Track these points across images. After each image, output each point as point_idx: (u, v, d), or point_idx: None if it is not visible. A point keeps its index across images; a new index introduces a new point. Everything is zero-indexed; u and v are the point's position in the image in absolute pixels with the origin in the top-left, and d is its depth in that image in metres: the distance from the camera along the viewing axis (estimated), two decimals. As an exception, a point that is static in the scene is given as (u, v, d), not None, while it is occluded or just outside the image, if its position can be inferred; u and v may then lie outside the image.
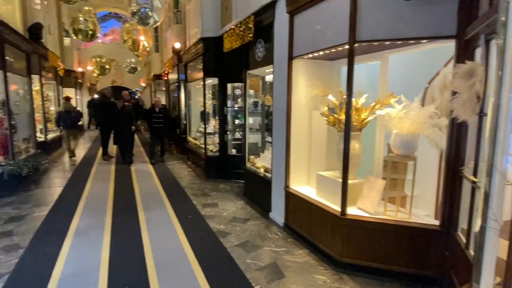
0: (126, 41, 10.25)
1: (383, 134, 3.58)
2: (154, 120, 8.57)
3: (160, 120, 8.62)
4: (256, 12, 4.88)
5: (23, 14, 7.88)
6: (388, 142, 3.38)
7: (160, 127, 8.67)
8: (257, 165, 5.56)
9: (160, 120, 8.61)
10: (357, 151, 3.46)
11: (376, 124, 3.61)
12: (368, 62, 3.68)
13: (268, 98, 5.85)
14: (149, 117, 8.66)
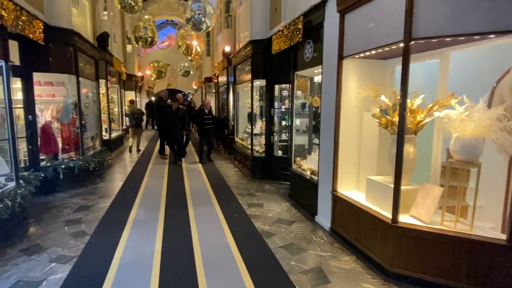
0: (181, 47, 10.87)
1: (442, 138, 3.32)
2: (204, 122, 8.94)
3: (210, 121, 9.00)
4: (305, 12, 4.85)
5: (93, 24, 8.79)
6: (447, 146, 3.12)
7: (209, 128, 9.03)
8: (303, 167, 5.51)
9: (209, 121, 8.98)
10: (411, 155, 3.25)
11: (433, 127, 3.36)
12: (425, 61, 3.45)
13: (316, 99, 5.77)
14: (200, 118, 9.03)
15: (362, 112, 4.10)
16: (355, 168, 4.22)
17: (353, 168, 4.22)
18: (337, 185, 4.20)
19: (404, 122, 3.03)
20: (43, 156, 6.25)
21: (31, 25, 4.93)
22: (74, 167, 6.34)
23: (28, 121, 5.85)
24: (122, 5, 7.28)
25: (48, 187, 5.88)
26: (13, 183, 4.53)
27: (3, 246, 3.79)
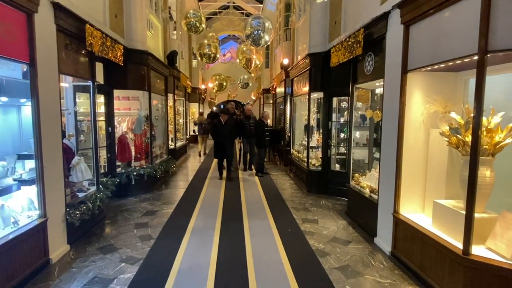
0: (241, 60, 11.33)
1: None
2: (266, 134, 9.10)
3: (267, 133, 9.14)
4: (366, 25, 4.70)
5: (164, 44, 9.68)
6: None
7: (266, 139, 9.21)
8: (362, 184, 5.26)
9: (267, 133, 9.14)
10: (487, 179, 2.90)
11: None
12: (506, 73, 3.07)
13: (377, 113, 5.48)
14: (262, 131, 9.05)
15: (429, 129, 3.79)
16: (420, 189, 3.89)
17: (418, 189, 3.90)
18: (399, 207, 3.92)
19: (479, 143, 2.71)
20: (119, 163, 7.02)
21: (113, 49, 5.63)
22: (144, 174, 6.98)
23: (108, 132, 6.65)
24: (188, 27, 7.90)
25: (122, 192, 6.57)
26: (94, 187, 5.17)
27: (84, 243, 4.34)
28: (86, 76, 4.99)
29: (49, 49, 3.85)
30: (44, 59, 3.69)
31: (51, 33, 3.89)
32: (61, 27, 4.07)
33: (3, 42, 3.12)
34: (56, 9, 3.91)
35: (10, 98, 3.87)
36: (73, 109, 5.12)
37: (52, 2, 3.84)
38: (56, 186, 3.97)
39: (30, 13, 3.46)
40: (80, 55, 4.75)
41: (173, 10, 11.34)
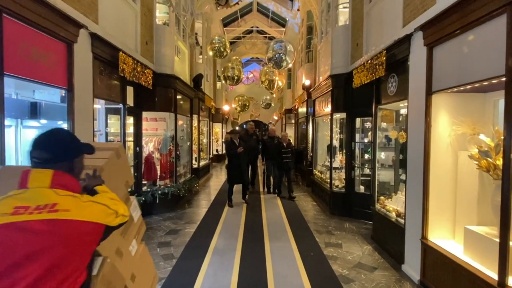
0: (263, 82, 11.59)
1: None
2: (283, 156, 8.68)
3: (288, 155, 8.74)
4: (389, 47, 4.71)
5: (190, 67, 10.13)
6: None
7: (288, 161, 8.74)
8: (388, 207, 5.09)
9: (288, 154, 8.74)
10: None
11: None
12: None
13: (402, 134, 5.37)
14: (279, 152, 8.70)
15: (458, 152, 3.65)
16: (450, 215, 3.71)
17: (447, 214, 3.72)
18: (427, 232, 3.74)
19: (511, 166, 2.59)
20: (145, 182, 7.24)
21: (143, 74, 5.98)
22: (168, 193, 7.15)
23: (136, 152, 6.93)
24: (214, 52, 8.26)
25: (147, 210, 6.73)
26: (121, 205, 5.35)
27: (110, 260, 4.45)
28: (117, 100, 5.31)
29: (86, 75, 4.16)
30: (80, 85, 3.99)
31: (88, 61, 4.22)
32: (97, 55, 4.41)
33: (46, 70, 3.42)
34: (93, 39, 4.26)
35: (48, 121, 4.17)
36: (104, 130, 5.43)
37: (90, 33, 4.19)
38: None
39: (70, 43, 3.79)
40: (113, 80, 5.08)
41: (199, 36, 11.90)
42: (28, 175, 1.20)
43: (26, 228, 1.08)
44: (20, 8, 2.93)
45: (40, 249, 1.07)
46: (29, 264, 1.05)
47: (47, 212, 1.11)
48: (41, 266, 1.06)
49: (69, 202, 1.17)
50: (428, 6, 3.75)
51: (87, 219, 1.18)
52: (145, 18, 6.52)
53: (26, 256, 1.06)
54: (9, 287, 1.03)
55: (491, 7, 2.73)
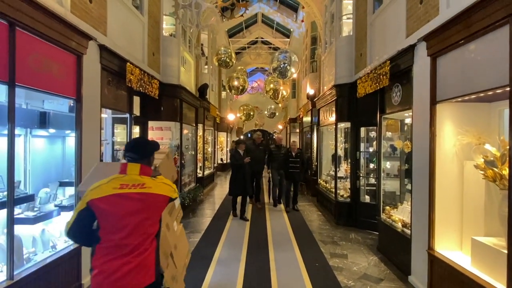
0: (268, 92, 11.68)
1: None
2: (290, 165, 8.23)
3: (297, 165, 8.24)
4: (392, 57, 4.74)
5: (196, 77, 10.26)
6: None
7: (296, 172, 8.26)
8: (394, 217, 5.04)
9: (296, 165, 8.24)
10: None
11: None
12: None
13: (407, 144, 5.35)
14: (286, 161, 8.26)
15: (463, 161, 3.63)
16: (456, 225, 3.67)
17: (454, 225, 3.67)
18: (434, 243, 3.69)
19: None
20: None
21: (150, 84, 6.08)
22: (172, 202, 7.14)
23: (141, 161, 6.98)
24: (219, 62, 8.37)
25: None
26: (126, 214, 5.37)
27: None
28: (124, 109, 5.39)
29: (94, 86, 4.25)
30: (88, 95, 4.07)
31: (96, 72, 4.31)
32: (105, 66, 4.50)
33: (56, 81, 3.51)
34: (102, 50, 4.36)
35: (56, 130, 4.25)
36: (111, 139, 5.49)
37: (99, 44, 4.30)
38: (92, 213, 4.19)
39: (79, 55, 3.89)
40: (120, 90, 5.17)
41: (205, 47, 12.09)
42: (126, 166, 2.00)
43: (128, 196, 1.88)
44: (32, 21, 3.03)
45: (136, 209, 1.88)
46: (133, 216, 1.87)
47: (139, 188, 1.91)
48: (138, 217, 1.89)
49: (150, 182, 1.97)
50: (431, 17, 3.79)
51: (161, 193, 1.99)
52: (152, 30, 6.66)
53: (131, 212, 1.87)
54: (125, 226, 1.86)
55: (493, 18, 2.75)
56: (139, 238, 1.90)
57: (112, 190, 1.87)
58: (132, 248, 1.87)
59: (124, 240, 1.87)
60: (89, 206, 1.85)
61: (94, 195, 1.85)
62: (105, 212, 1.85)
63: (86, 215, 1.87)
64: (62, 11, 3.53)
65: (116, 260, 1.85)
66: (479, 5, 2.87)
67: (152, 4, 6.60)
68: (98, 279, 1.87)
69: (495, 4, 2.71)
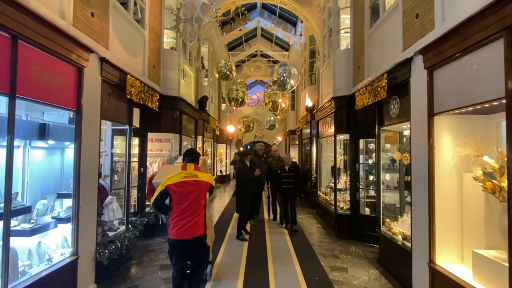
0: (267, 104, 11.76)
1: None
2: (283, 181, 7.42)
3: (290, 180, 7.40)
4: (390, 70, 4.80)
5: (196, 90, 10.35)
6: None
7: (290, 188, 7.40)
8: (394, 230, 4.99)
9: (290, 180, 7.40)
10: (532, 229, 2.67)
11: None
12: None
13: (406, 156, 5.36)
14: (279, 177, 7.48)
15: (462, 173, 3.63)
16: (457, 238, 3.63)
17: (454, 237, 3.64)
18: (435, 256, 3.65)
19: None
20: (148, 203, 7.21)
21: (150, 96, 6.12)
22: (170, 214, 7.08)
23: (140, 172, 6.96)
24: (220, 75, 8.46)
25: (149, 231, 6.67)
26: (123, 227, 5.32)
27: (110, 283, 4.38)
28: (124, 121, 5.41)
29: (94, 98, 4.28)
30: (88, 107, 4.09)
31: (96, 84, 4.35)
32: (106, 78, 4.54)
33: (56, 93, 3.54)
34: (103, 63, 4.41)
35: (56, 141, 4.25)
36: (110, 151, 5.49)
37: (100, 57, 4.35)
38: (89, 225, 4.15)
39: (80, 68, 3.93)
40: (120, 102, 5.20)
41: (205, 60, 12.25)
42: (186, 165, 3.30)
43: (188, 183, 3.20)
44: (34, 34, 3.08)
45: (192, 190, 3.20)
46: (191, 194, 3.19)
47: (194, 178, 3.23)
48: (193, 195, 3.20)
49: (199, 174, 3.29)
50: (427, 31, 3.86)
51: (206, 180, 3.34)
52: (153, 43, 6.76)
53: (190, 192, 3.19)
54: (186, 200, 3.17)
55: (488, 32, 2.81)
56: (194, 207, 3.23)
57: (179, 179, 3.21)
58: (190, 213, 3.21)
59: (186, 208, 3.19)
60: (166, 188, 3.18)
61: (169, 182, 3.19)
62: (175, 192, 3.18)
63: (164, 194, 3.20)
64: (64, 24, 3.59)
65: (182, 220, 3.18)
66: (474, 19, 2.93)
67: (153, 18, 6.72)
68: (173, 230, 3.20)
69: (489, 18, 2.77)
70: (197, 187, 3.21)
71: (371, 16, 6.14)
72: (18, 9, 2.82)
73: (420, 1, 4.08)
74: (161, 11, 7.20)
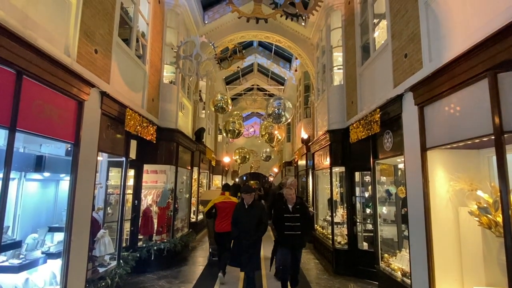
0: (263, 136, 11.93)
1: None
2: (286, 224, 4.79)
3: (296, 224, 4.77)
4: (382, 106, 4.97)
5: (193, 122, 10.50)
6: None
7: (295, 234, 4.77)
8: (393, 266, 4.88)
9: (296, 223, 4.78)
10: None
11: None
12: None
13: (401, 189, 5.38)
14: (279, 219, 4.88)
15: (458, 207, 3.65)
16: (457, 274, 3.57)
17: (454, 274, 3.58)
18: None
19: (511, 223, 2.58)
20: (141, 237, 7.02)
21: (148, 129, 6.20)
22: (163, 248, 6.88)
23: (134, 205, 6.84)
24: (216, 108, 8.65)
25: (141, 267, 6.41)
26: (115, 262, 5.14)
27: (98, 324, 4.15)
28: (121, 153, 5.43)
29: (93, 130, 4.34)
30: (87, 139, 4.13)
31: (96, 117, 4.43)
32: (105, 111, 4.64)
33: (56, 125, 3.59)
34: (103, 97, 4.52)
35: (51, 173, 4.23)
36: (105, 183, 5.45)
37: (101, 91, 4.47)
38: (80, 260, 4.02)
39: (81, 101, 4.02)
40: (118, 134, 5.26)
41: (203, 93, 12.55)
42: (224, 192, 6.28)
43: (226, 202, 5.99)
44: (39, 70, 3.19)
45: (228, 206, 5.81)
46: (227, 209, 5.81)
47: (228, 199, 6.07)
48: (228, 210, 5.71)
49: (231, 197, 6.19)
50: (415, 70, 4.07)
51: (234, 201, 5.96)
52: (153, 78, 6.97)
53: (227, 208, 5.83)
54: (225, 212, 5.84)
55: (473, 72, 2.97)
56: (228, 216, 5.54)
57: (222, 199, 6.00)
58: (226, 219, 5.60)
59: (224, 216, 5.75)
60: (215, 205, 5.93)
61: (216, 201, 5.98)
62: (219, 207, 5.89)
63: (212, 208, 5.95)
64: (69, 61, 3.73)
65: (222, 223, 5.81)
66: (459, 60, 3.11)
67: (153, 54, 6.99)
68: (217, 227, 5.90)
69: (473, 60, 2.95)
70: (230, 205, 5.70)
71: (362, 54, 6.46)
72: (25, 47, 2.95)
73: (408, 42, 4.33)
74: (161, 47, 7.50)
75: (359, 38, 6.55)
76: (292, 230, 4.81)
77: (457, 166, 3.72)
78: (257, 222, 4.86)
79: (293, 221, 4.81)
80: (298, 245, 4.95)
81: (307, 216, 5.01)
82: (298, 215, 4.85)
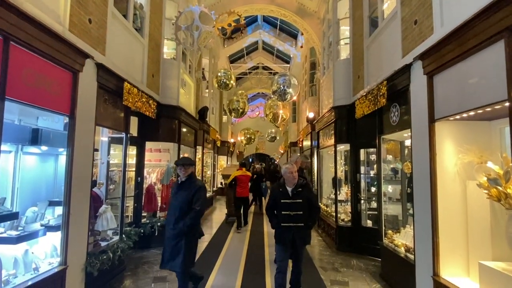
0: (268, 115, 11.73)
1: None
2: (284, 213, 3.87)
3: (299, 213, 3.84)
4: (389, 77, 4.74)
5: (196, 100, 10.34)
6: None
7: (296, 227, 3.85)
8: (396, 242, 4.81)
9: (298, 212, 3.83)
10: (541, 238, 2.52)
11: None
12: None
13: (407, 165, 5.23)
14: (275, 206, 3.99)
15: (466, 181, 3.50)
16: (462, 249, 3.47)
17: (459, 249, 3.47)
18: (439, 269, 3.47)
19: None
20: (145, 213, 7.07)
21: (148, 105, 6.08)
22: (167, 225, 6.91)
23: (137, 182, 6.84)
24: (218, 84, 8.46)
25: (145, 243, 6.50)
26: (117, 237, 5.17)
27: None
28: (120, 129, 5.35)
29: (89, 103, 4.23)
30: (83, 112, 4.04)
31: (92, 90, 4.31)
32: (102, 84, 4.51)
33: (49, 97, 3.49)
34: (99, 69, 4.38)
35: (49, 148, 4.18)
36: (106, 159, 5.40)
37: (96, 63, 4.33)
38: (80, 234, 4.02)
39: (76, 72, 3.90)
40: (117, 109, 5.16)
41: (206, 71, 12.31)
42: (241, 168, 9.21)
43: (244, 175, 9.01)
44: (28, 37, 3.05)
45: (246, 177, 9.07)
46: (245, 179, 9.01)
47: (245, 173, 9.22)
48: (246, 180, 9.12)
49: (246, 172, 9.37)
50: (426, 36, 3.82)
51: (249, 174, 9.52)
52: (153, 52, 6.78)
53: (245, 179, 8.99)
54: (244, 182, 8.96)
55: (488, 33, 2.74)
56: (246, 184, 8.94)
57: (240, 173, 8.86)
58: (244, 186, 8.85)
59: (243, 184, 8.83)
60: (236, 177, 8.76)
61: (236, 174, 8.86)
62: (239, 178, 8.76)
63: (234, 179, 8.79)
64: (60, 29, 3.58)
65: (241, 189, 8.75)
66: (473, 21, 2.87)
67: (153, 28, 6.76)
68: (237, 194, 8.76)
69: (489, 20, 2.71)
70: (247, 177, 8.80)
71: (370, 25, 6.14)
72: (9, 10, 2.80)
73: (418, 7, 4.06)
74: (161, 21, 7.25)
75: (367, 7, 6.21)
76: (292, 220, 3.76)
77: (466, 138, 3.54)
78: None
79: (293, 209, 3.77)
80: (300, 242, 3.87)
81: (312, 202, 3.90)
82: (300, 201, 3.79)
